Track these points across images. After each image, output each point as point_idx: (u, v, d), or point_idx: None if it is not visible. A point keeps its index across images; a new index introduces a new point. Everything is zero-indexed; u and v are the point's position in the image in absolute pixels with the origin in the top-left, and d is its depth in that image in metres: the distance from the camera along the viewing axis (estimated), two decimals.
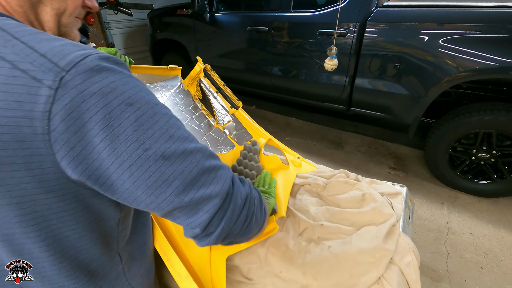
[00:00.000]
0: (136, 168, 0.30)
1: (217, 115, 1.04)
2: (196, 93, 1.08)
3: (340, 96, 2.06)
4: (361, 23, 1.76)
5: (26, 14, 0.38)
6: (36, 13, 0.38)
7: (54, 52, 0.29)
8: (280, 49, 2.23)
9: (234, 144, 0.98)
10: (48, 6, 0.39)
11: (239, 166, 0.88)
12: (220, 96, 1.01)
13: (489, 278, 1.29)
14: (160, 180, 0.32)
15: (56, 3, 0.39)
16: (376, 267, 0.61)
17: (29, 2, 0.37)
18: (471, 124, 1.60)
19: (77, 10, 0.43)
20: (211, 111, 1.04)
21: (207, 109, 1.06)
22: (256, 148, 0.91)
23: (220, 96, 1.01)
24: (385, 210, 0.74)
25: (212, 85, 1.03)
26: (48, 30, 0.40)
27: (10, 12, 0.37)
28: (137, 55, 4.08)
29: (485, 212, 1.65)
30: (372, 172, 2.04)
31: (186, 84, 1.09)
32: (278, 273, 0.64)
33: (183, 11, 2.80)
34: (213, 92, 1.03)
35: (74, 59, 0.29)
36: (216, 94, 1.02)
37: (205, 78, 1.04)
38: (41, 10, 0.39)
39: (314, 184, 0.87)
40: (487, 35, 1.42)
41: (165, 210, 0.34)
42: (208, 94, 1.05)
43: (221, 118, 1.03)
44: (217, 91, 1.02)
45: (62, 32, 0.42)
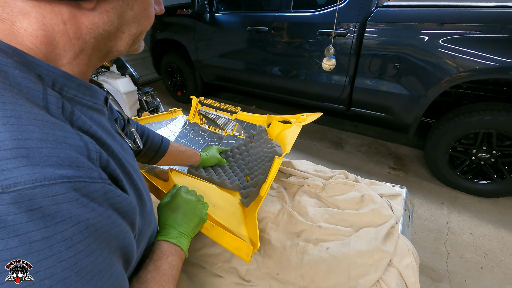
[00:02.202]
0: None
1: (224, 126, 1.19)
2: (201, 120, 1.25)
3: (340, 96, 2.05)
4: (361, 23, 1.76)
5: (97, 44, 0.34)
6: (109, 41, 0.35)
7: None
8: (280, 49, 2.23)
9: None
10: (125, 33, 0.36)
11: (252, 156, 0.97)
12: (220, 111, 1.19)
13: (489, 278, 1.28)
14: None
15: (134, 29, 0.36)
16: (374, 269, 0.61)
17: (107, 33, 0.34)
18: (471, 124, 1.60)
19: (150, 25, 0.40)
20: (218, 126, 1.21)
21: (214, 126, 1.22)
22: (262, 129, 1.03)
23: (220, 111, 1.19)
24: (384, 211, 0.74)
25: (210, 108, 1.21)
26: (116, 52, 0.37)
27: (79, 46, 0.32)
28: (137, 55, 4.07)
29: (485, 212, 1.65)
30: (372, 172, 2.04)
31: (190, 118, 1.26)
32: (275, 275, 0.64)
33: (183, 11, 2.80)
34: (213, 112, 1.21)
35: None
36: (216, 112, 1.20)
37: (203, 106, 1.23)
38: (116, 38, 0.36)
39: (313, 185, 0.87)
40: (487, 35, 1.42)
41: None
42: (210, 116, 1.22)
43: (229, 127, 1.18)
44: (215, 110, 1.20)
45: (131, 50, 0.40)
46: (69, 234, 0.26)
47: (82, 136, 0.30)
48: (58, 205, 0.25)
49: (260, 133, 1.02)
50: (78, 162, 0.28)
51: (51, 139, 0.27)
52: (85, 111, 0.36)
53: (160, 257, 0.50)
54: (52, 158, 0.26)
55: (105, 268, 0.30)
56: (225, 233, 0.61)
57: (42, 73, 0.30)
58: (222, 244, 0.61)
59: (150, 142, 0.76)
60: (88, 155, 0.30)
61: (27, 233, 0.24)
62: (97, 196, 0.29)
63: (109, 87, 1.98)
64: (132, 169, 0.41)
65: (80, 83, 0.35)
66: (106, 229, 0.30)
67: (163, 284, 0.46)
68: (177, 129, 1.24)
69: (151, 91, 2.24)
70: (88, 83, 0.37)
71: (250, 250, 0.57)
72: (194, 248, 0.71)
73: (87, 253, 0.28)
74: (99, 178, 0.30)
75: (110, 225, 0.30)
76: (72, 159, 0.27)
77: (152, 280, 0.45)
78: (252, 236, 0.62)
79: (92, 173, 0.29)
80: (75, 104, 0.34)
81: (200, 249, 0.71)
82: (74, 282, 0.26)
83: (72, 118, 0.32)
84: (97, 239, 0.29)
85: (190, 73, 3.09)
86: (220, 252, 0.69)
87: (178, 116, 1.29)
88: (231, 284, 0.64)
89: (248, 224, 0.68)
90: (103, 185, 0.30)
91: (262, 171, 0.80)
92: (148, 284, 0.44)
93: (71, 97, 0.34)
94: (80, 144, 0.29)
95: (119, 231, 0.32)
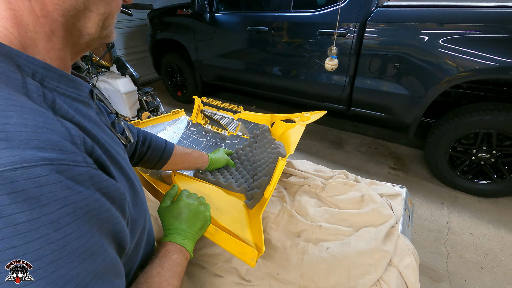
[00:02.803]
0: None
1: (227, 126, 1.18)
2: (204, 121, 1.25)
3: (340, 96, 2.05)
4: (361, 23, 1.76)
5: (66, 23, 0.34)
6: (78, 21, 0.35)
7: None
8: (280, 49, 2.23)
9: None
10: (93, 12, 0.36)
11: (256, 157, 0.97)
12: (222, 111, 1.19)
13: (489, 278, 1.28)
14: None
15: (102, 7, 0.36)
16: (374, 269, 0.61)
17: (75, 9, 0.33)
18: (471, 124, 1.60)
19: (119, 9, 0.40)
20: (221, 126, 1.20)
21: (216, 126, 1.21)
22: (265, 129, 1.02)
23: (222, 111, 1.19)
24: (384, 211, 0.74)
25: (212, 108, 1.21)
26: (87, 35, 0.37)
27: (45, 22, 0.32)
28: (137, 55, 4.08)
29: (485, 212, 1.65)
30: (372, 172, 2.04)
31: (193, 118, 1.27)
32: (275, 275, 0.64)
33: (183, 11, 2.80)
34: (215, 112, 1.21)
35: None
36: (219, 112, 1.20)
37: (205, 106, 1.23)
38: (85, 17, 0.35)
39: (313, 185, 0.87)
40: (487, 35, 1.42)
41: None
42: (213, 116, 1.22)
43: (232, 126, 1.17)
44: (218, 110, 1.20)
45: (103, 35, 0.39)
46: (55, 216, 0.25)
47: (64, 122, 0.30)
48: (42, 187, 0.25)
49: (264, 133, 1.02)
50: (61, 145, 0.27)
51: (30, 123, 0.26)
52: (70, 102, 0.36)
53: (165, 254, 0.51)
54: (32, 141, 0.25)
55: (98, 250, 0.29)
56: (229, 237, 0.60)
57: (21, 63, 0.30)
58: (227, 248, 0.61)
59: (153, 146, 0.75)
60: (71, 139, 0.29)
61: (11, 215, 0.23)
62: (82, 180, 0.28)
63: (109, 87, 1.98)
64: (122, 160, 0.41)
65: (62, 74, 0.35)
66: (95, 213, 0.29)
67: (168, 279, 0.47)
68: (180, 130, 1.24)
69: (151, 91, 2.24)
70: (71, 75, 0.37)
71: (255, 255, 0.57)
72: (195, 248, 0.71)
73: (76, 235, 0.27)
74: (84, 162, 0.29)
75: (98, 208, 0.30)
76: (54, 142, 0.27)
77: (157, 275, 0.46)
78: (257, 240, 0.62)
79: (76, 157, 0.28)
80: (58, 95, 0.34)
81: (200, 249, 0.71)
82: (66, 264, 0.26)
83: (54, 106, 0.32)
84: (87, 222, 0.28)
85: (190, 73, 3.09)
86: (220, 252, 0.69)
87: (181, 117, 1.29)
88: (231, 284, 0.64)
89: (253, 228, 0.68)
90: (88, 169, 0.29)
91: (266, 172, 0.80)
92: (153, 278, 0.45)
93: (53, 87, 0.33)
94: (62, 130, 0.29)
95: (109, 216, 0.32)
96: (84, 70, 1.90)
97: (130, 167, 0.45)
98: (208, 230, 0.62)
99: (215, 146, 1.14)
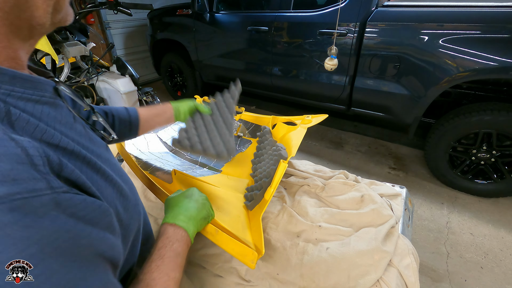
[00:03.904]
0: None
1: None
2: None
3: (340, 96, 2.05)
4: (361, 23, 1.76)
5: (7, 17, 0.29)
6: (22, 12, 0.30)
7: None
8: (280, 49, 2.23)
9: (250, 140, 1.12)
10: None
11: (257, 158, 0.98)
12: None
13: (489, 278, 1.28)
14: None
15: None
16: (374, 269, 0.61)
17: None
18: (471, 124, 1.60)
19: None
20: None
21: None
22: (266, 131, 1.03)
23: None
24: (384, 211, 0.74)
25: None
26: (38, 26, 0.32)
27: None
28: (137, 55, 4.08)
29: (485, 212, 1.65)
30: (372, 172, 2.04)
31: None
32: (275, 275, 0.64)
33: (183, 11, 2.80)
34: None
35: None
36: None
37: None
38: (29, 6, 0.30)
39: (313, 185, 0.87)
40: (487, 35, 1.42)
41: None
42: None
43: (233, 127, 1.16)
44: None
45: (57, 20, 0.34)
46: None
47: (19, 141, 0.25)
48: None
49: (265, 134, 1.02)
50: (13, 174, 0.23)
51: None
52: (32, 107, 0.31)
53: (165, 244, 0.47)
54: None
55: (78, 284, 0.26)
56: (230, 239, 0.60)
57: None
58: (227, 250, 0.61)
59: (118, 120, 0.70)
60: (30, 161, 0.25)
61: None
62: (46, 211, 0.24)
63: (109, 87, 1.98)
64: (105, 163, 0.37)
65: (14, 75, 0.30)
66: (69, 244, 0.26)
67: (168, 273, 0.44)
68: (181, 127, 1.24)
69: (151, 91, 2.24)
70: (27, 74, 0.32)
71: (255, 257, 0.57)
72: (194, 248, 0.71)
73: (47, 276, 0.24)
74: (47, 188, 0.25)
75: (74, 238, 0.26)
76: (4, 172, 0.23)
77: (156, 269, 0.43)
78: (257, 242, 0.62)
79: (36, 185, 0.24)
80: (14, 100, 0.29)
81: (200, 249, 0.71)
82: None
83: (10, 118, 0.27)
84: (59, 257, 0.25)
85: (190, 73, 3.09)
86: (220, 252, 0.69)
87: None
88: (231, 284, 0.64)
89: (253, 229, 0.68)
90: (53, 196, 0.25)
91: (267, 174, 0.80)
92: (152, 273, 0.42)
93: (6, 93, 0.29)
94: (16, 152, 0.24)
95: (91, 240, 0.28)
96: (84, 70, 1.90)
97: (115, 167, 0.42)
98: (209, 230, 0.62)
99: None
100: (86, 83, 1.92)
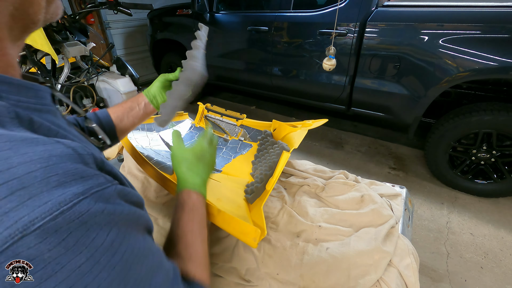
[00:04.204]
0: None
1: (229, 131, 1.23)
2: (206, 125, 1.28)
3: (340, 96, 2.05)
4: (361, 23, 1.76)
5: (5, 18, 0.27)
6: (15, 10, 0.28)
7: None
8: (280, 49, 2.23)
9: (251, 144, 1.14)
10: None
11: (257, 159, 1.00)
12: (226, 117, 1.23)
13: (489, 278, 1.28)
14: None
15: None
16: (374, 269, 0.61)
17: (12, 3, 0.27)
18: (471, 124, 1.60)
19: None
20: (223, 131, 1.25)
21: (218, 131, 1.26)
22: (268, 133, 1.05)
23: (226, 117, 1.23)
24: (384, 211, 0.74)
25: (216, 114, 1.25)
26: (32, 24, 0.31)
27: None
28: (137, 55, 4.08)
29: (485, 212, 1.65)
30: (372, 172, 2.04)
31: (196, 122, 1.30)
32: (275, 275, 0.64)
33: (183, 11, 2.80)
34: (219, 118, 1.25)
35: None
36: (222, 118, 1.24)
37: (209, 112, 1.28)
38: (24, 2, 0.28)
39: (313, 185, 0.87)
40: (487, 35, 1.42)
41: None
42: (216, 122, 1.27)
43: (233, 132, 1.21)
44: (221, 116, 1.24)
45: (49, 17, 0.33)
46: (108, 243, 0.25)
47: (65, 143, 0.26)
48: (86, 223, 0.23)
49: (266, 137, 1.04)
50: (80, 172, 0.25)
51: (35, 158, 0.22)
52: (38, 116, 0.30)
53: (192, 208, 0.51)
54: (51, 178, 0.22)
55: (148, 249, 0.31)
56: (231, 218, 0.59)
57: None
58: (229, 229, 0.59)
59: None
60: (83, 160, 0.26)
61: (70, 261, 0.22)
62: (114, 199, 0.27)
63: (109, 87, 1.98)
64: None
65: (19, 84, 0.29)
66: (134, 222, 0.30)
67: (202, 232, 0.48)
68: (183, 131, 1.26)
69: None
70: (27, 82, 0.31)
71: (258, 234, 0.55)
72: None
73: (130, 248, 0.27)
74: (106, 181, 0.27)
75: (136, 218, 0.30)
76: (72, 170, 0.24)
77: (190, 232, 0.47)
78: (259, 224, 0.61)
79: (99, 179, 0.26)
80: (23, 110, 0.28)
81: None
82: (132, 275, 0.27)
83: (33, 127, 0.27)
84: (132, 233, 0.29)
85: None
86: (220, 252, 0.69)
87: (185, 120, 1.32)
88: (231, 284, 0.64)
89: (254, 216, 0.67)
90: (114, 186, 0.28)
91: (269, 168, 0.81)
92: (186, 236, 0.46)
93: (15, 103, 0.28)
94: (69, 152, 0.25)
95: (142, 218, 0.32)
96: (84, 70, 1.90)
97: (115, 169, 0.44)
98: (210, 211, 0.61)
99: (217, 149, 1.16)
100: (86, 83, 1.92)
